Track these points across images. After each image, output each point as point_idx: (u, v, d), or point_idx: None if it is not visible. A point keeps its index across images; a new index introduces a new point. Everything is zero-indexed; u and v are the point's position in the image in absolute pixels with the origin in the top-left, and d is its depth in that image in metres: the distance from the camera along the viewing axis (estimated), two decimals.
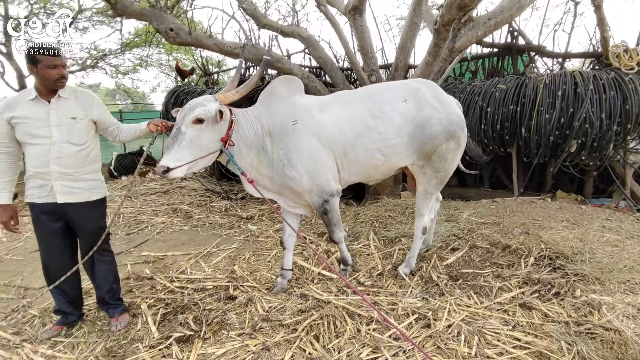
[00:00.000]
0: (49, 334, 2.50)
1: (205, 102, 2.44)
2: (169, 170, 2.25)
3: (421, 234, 3.12)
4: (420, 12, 5.24)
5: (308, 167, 2.62)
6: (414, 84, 2.90)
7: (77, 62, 12.66)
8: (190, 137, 2.34)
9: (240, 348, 2.28)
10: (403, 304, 2.65)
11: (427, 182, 2.94)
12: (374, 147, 2.73)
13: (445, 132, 2.78)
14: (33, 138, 2.30)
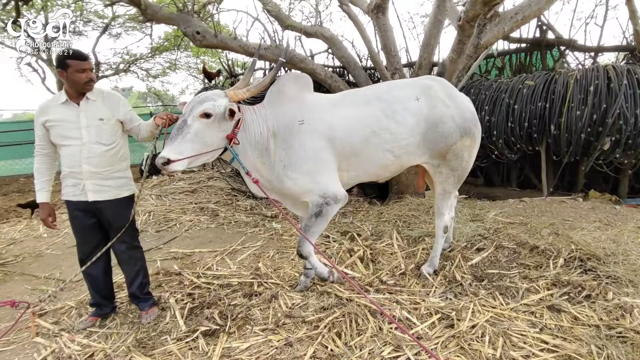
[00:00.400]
0: (84, 325, 2.64)
1: (215, 97, 2.38)
2: (169, 162, 2.19)
3: (442, 233, 3.09)
4: (444, 8, 5.15)
5: (310, 169, 2.55)
6: (425, 82, 2.85)
7: (111, 66, 13.20)
8: (195, 130, 2.28)
9: (263, 343, 2.34)
10: (426, 303, 2.63)
11: (444, 181, 2.89)
12: (386, 148, 2.67)
13: (459, 129, 2.73)
14: (65, 140, 2.43)
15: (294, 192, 2.61)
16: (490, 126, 4.89)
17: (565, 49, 5.37)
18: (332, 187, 2.60)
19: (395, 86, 2.86)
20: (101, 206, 2.51)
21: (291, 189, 2.59)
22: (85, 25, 11.86)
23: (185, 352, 2.30)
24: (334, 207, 2.61)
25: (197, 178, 8.04)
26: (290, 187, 2.58)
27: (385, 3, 5.16)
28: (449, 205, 3.07)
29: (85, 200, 2.48)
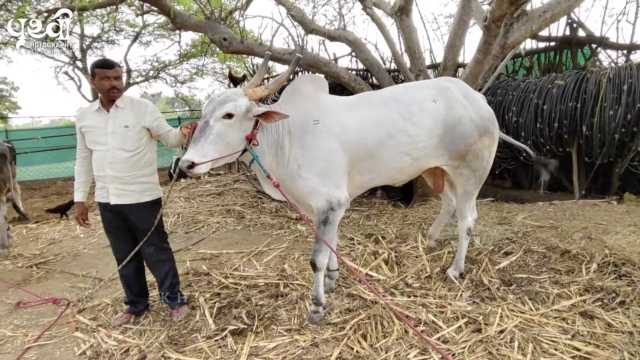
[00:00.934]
0: (120, 321, 2.76)
1: (236, 96, 2.31)
2: (194, 165, 2.15)
3: (466, 235, 3.06)
4: (469, 8, 5.09)
5: (322, 170, 2.48)
6: (441, 83, 2.82)
7: (141, 73, 13.71)
8: (217, 131, 2.22)
9: (290, 343, 2.38)
10: (452, 307, 2.61)
11: (465, 182, 2.85)
12: (402, 150, 2.61)
13: (477, 129, 2.70)
14: (96, 145, 2.56)
15: (303, 192, 2.54)
16: (518, 127, 4.79)
17: (597, 47, 5.19)
18: (338, 191, 2.52)
19: (411, 88, 2.82)
20: (124, 209, 2.60)
21: (301, 189, 2.52)
22: (117, 34, 12.39)
23: (214, 350, 2.37)
24: (339, 212, 2.54)
25: (223, 181, 8.23)
26: (301, 187, 2.51)
27: (409, 5, 5.15)
28: (471, 206, 3.03)
29: (108, 202, 2.59)
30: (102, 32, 12.10)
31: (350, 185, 2.65)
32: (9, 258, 4.23)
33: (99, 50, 13.26)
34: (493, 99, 5.03)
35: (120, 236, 2.71)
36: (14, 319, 2.95)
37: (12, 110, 15.92)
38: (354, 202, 5.83)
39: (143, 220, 2.61)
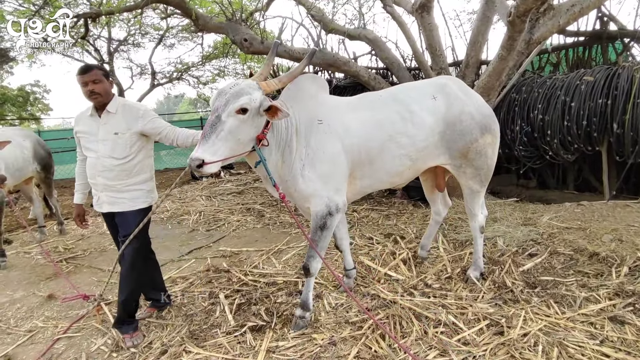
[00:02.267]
0: (143, 315, 2.83)
1: (250, 89, 2.12)
2: (204, 164, 1.99)
3: (480, 234, 3.01)
4: (493, 4, 4.97)
5: (325, 172, 2.39)
6: (440, 80, 2.81)
7: (165, 75, 14.05)
8: (229, 127, 2.06)
9: (307, 341, 2.39)
10: (473, 308, 2.56)
11: (470, 180, 2.80)
12: (403, 153, 2.54)
13: (478, 126, 2.65)
14: (88, 151, 2.51)
15: (304, 194, 2.42)
16: (544, 125, 4.64)
17: (630, 41, 4.97)
18: (337, 196, 2.44)
19: (410, 87, 2.80)
20: (118, 217, 2.54)
21: (303, 190, 2.41)
22: (142, 37, 12.74)
23: (234, 345, 2.40)
24: (336, 217, 2.45)
25: (243, 180, 8.34)
26: (303, 188, 2.40)
27: (430, 2, 5.08)
28: (480, 204, 2.99)
29: (101, 211, 2.57)
30: (128, 35, 12.47)
31: (349, 190, 2.56)
32: (41, 253, 4.41)
33: (126, 52, 13.69)
34: (517, 96, 4.90)
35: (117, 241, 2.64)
36: (45, 311, 3.08)
37: (44, 112, 16.64)
38: (374, 201, 5.79)
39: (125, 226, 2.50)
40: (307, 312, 2.55)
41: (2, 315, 3.05)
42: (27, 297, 3.37)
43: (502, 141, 5.06)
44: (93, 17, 5.08)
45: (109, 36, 12.37)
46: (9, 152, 4.20)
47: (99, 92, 2.40)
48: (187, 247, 4.45)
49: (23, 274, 3.92)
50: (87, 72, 2.39)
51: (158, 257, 4.19)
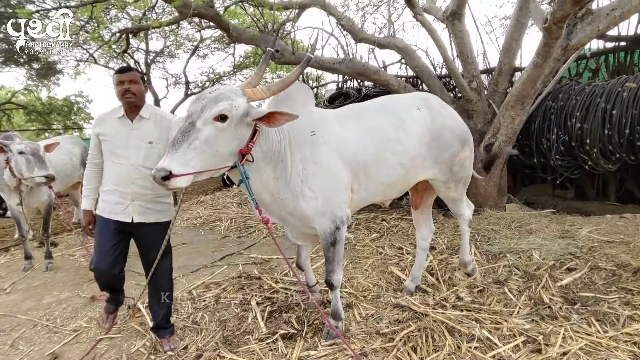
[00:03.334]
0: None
1: (233, 94, 1.90)
2: (172, 176, 1.75)
3: (468, 228, 3.15)
4: (527, 10, 4.88)
5: (325, 186, 2.25)
6: (421, 94, 2.91)
7: (197, 84, 14.55)
8: (206, 137, 1.83)
9: (339, 351, 2.40)
10: (509, 324, 2.49)
11: (453, 192, 2.89)
12: (396, 161, 2.50)
13: (458, 139, 2.73)
14: (115, 157, 2.39)
15: (305, 213, 2.27)
16: (583, 134, 4.47)
17: None
18: (343, 209, 2.33)
19: (395, 97, 2.89)
20: (141, 228, 2.44)
21: (304, 210, 2.26)
22: (177, 48, 13.28)
23: (266, 352, 2.45)
24: (344, 229, 2.36)
25: None
26: (304, 208, 2.25)
27: (462, 9, 5.03)
28: (465, 203, 3.08)
29: (124, 220, 2.40)
30: (165, 47, 13.05)
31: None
32: (84, 256, 4.65)
33: (161, 63, 14.31)
34: (554, 104, 4.75)
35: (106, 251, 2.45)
36: (88, 312, 3.24)
37: (86, 121, 17.58)
38: (403, 210, 5.74)
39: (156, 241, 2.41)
40: (339, 322, 2.54)
41: (50, 315, 3.24)
42: (72, 297, 3.56)
43: (537, 150, 4.93)
44: (134, 32, 5.36)
45: (147, 48, 12.96)
46: (58, 159, 4.47)
47: (134, 92, 2.35)
48: (219, 253, 4.57)
49: (68, 276, 4.14)
50: (126, 72, 2.40)
51: (192, 262, 4.36)
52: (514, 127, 4.63)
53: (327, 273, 2.47)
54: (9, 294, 3.76)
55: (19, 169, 3.80)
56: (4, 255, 5.09)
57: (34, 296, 3.65)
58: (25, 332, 2.99)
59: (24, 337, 2.92)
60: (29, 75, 14.19)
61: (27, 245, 4.43)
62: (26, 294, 3.71)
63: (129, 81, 2.34)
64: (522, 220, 4.31)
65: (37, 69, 13.79)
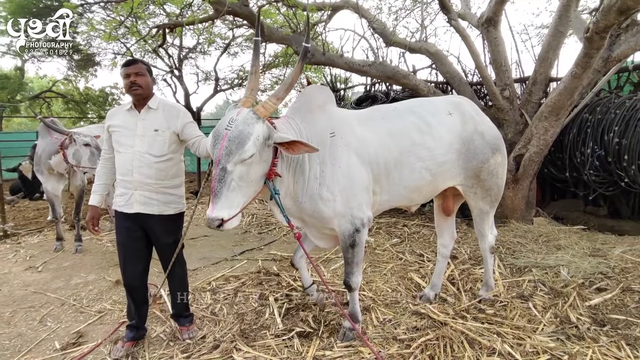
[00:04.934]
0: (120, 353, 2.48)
1: (250, 127, 1.93)
2: (224, 222, 1.90)
3: (490, 254, 3.00)
4: (567, 19, 4.73)
5: (344, 187, 2.25)
6: (454, 98, 2.83)
7: (227, 81, 14.82)
8: (239, 175, 1.92)
9: (354, 353, 2.38)
10: (532, 340, 2.41)
11: (480, 201, 2.77)
12: (422, 166, 2.45)
13: (489, 146, 2.66)
14: (120, 146, 2.39)
15: (324, 216, 2.29)
16: (620, 150, 4.28)
17: None
18: (363, 211, 2.32)
19: (425, 101, 2.77)
20: (147, 219, 2.42)
21: (323, 212, 2.27)
22: (209, 45, 13.57)
23: (282, 348, 2.46)
24: (364, 232, 2.35)
25: None
26: (322, 210, 2.26)
27: (498, 16, 4.93)
28: (489, 224, 2.94)
29: (129, 212, 2.40)
30: (197, 43, 13.36)
31: None
32: (111, 241, 4.82)
33: (193, 59, 14.65)
34: (591, 116, 4.57)
35: (136, 247, 2.46)
36: (112, 295, 3.36)
37: None
38: (425, 217, 5.66)
39: (164, 234, 2.46)
40: (357, 324, 2.52)
41: (77, 295, 3.37)
42: (97, 280, 3.69)
43: (570, 164, 4.75)
44: (171, 27, 5.51)
45: (180, 44, 13.30)
46: None
47: (140, 85, 2.35)
48: (240, 247, 4.63)
49: (95, 259, 4.30)
50: (132, 65, 2.39)
51: (213, 255, 4.43)
52: (546, 138, 4.49)
53: (345, 274, 2.47)
54: (40, 272, 3.94)
55: (79, 158, 4.00)
56: (37, 235, 5.34)
57: (63, 276, 3.81)
58: (54, 309, 3.12)
59: (52, 314, 3.05)
60: (70, 65, 14.84)
61: (60, 227, 4.63)
62: (56, 274, 3.88)
63: (135, 74, 2.35)
64: (550, 235, 4.16)
65: (77, 60, 14.40)
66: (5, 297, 3.35)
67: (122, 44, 12.29)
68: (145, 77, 2.39)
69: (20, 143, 10.18)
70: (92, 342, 2.64)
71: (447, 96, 2.98)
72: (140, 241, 2.47)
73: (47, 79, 18.20)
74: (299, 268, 2.85)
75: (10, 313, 3.06)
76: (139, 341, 2.59)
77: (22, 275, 3.85)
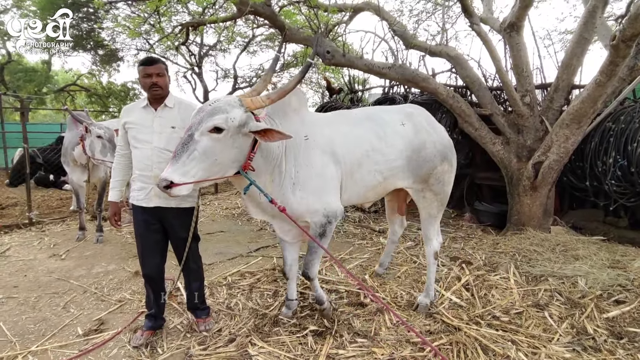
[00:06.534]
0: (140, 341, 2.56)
1: (229, 106, 2.01)
2: (172, 185, 1.90)
3: (434, 260, 3.10)
4: (592, 25, 4.64)
5: (317, 186, 2.40)
6: (407, 109, 3.04)
7: (245, 79, 14.99)
8: (203, 147, 1.95)
9: (367, 354, 2.42)
10: (547, 350, 2.40)
11: (429, 205, 2.98)
12: (377, 169, 2.68)
13: (439, 154, 2.89)
14: (138, 142, 2.44)
15: (298, 212, 2.40)
16: None
17: None
18: (335, 205, 2.49)
19: (382, 110, 3.00)
20: (165, 213, 2.48)
21: (296, 209, 2.38)
22: (229, 44, 13.74)
23: (295, 345, 2.51)
24: (334, 224, 2.54)
25: None
26: (295, 207, 2.37)
27: (521, 21, 4.87)
28: (436, 230, 3.11)
29: (148, 205, 2.45)
30: (218, 41, 13.54)
31: None
32: (131, 233, 4.95)
33: (213, 57, 14.85)
34: (614, 125, 4.48)
35: (155, 239, 2.53)
36: (132, 285, 3.46)
37: None
38: (441, 222, 5.61)
39: (181, 227, 2.53)
40: (324, 304, 2.79)
41: (98, 284, 3.48)
42: (117, 270, 3.81)
43: (591, 173, 4.67)
44: (195, 25, 5.62)
45: (201, 41, 13.51)
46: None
47: (161, 86, 2.40)
48: (255, 244, 4.70)
49: (115, 250, 4.43)
50: (153, 64, 2.41)
51: (229, 250, 4.51)
52: (567, 146, 4.42)
53: (305, 265, 2.63)
54: (63, 260, 4.09)
55: (93, 149, 4.12)
56: (60, 224, 5.52)
57: (85, 265, 3.94)
58: (76, 296, 3.24)
59: (74, 301, 3.17)
60: (94, 60, 15.20)
61: (83, 217, 4.78)
62: (78, 262, 4.02)
63: (156, 74, 2.39)
64: (568, 244, 4.10)
65: (102, 55, 14.74)
66: (30, 283, 3.49)
67: (145, 40, 12.55)
68: (165, 77, 2.45)
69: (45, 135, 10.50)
70: (112, 329, 2.74)
71: (401, 106, 3.23)
72: (157, 233, 2.54)
73: (72, 72, 18.71)
74: (290, 278, 2.86)
75: (35, 298, 3.19)
76: (157, 331, 2.67)
77: (46, 262, 4.00)
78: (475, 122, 5.21)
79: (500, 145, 5.09)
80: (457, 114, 5.31)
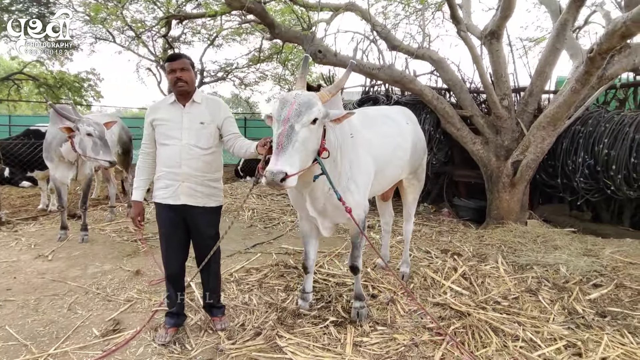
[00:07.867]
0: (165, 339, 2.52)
1: (316, 99, 2.10)
2: (287, 177, 1.87)
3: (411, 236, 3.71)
4: (563, 36, 5.10)
5: (364, 182, 2.59)
6: (404, 109, 3.57)
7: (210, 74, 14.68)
8: (302, 138, 1.99)
9: (390, 340, 2.55)
10: (548, 328, 2.67)
11: (415, 190, 3.56)
12: (399, 164, 3.02)
13: (423, 148, 3.49)
14: (167, 139, 2.41)
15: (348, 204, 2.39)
16: (609, 160, 4.69)
17: None
18: (366, 202, 2.69)
19: (392, 110, 3.45)
20: (191, 211, 2.45)
21: (348, 202, 2.37)
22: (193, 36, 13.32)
23: (320, 335, 2.59)
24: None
25: None
26: (349, 200, 2.40)
27: (501, 29, 5.23)
28: (414, 210, 3.74)
29: (175, 203, 2.42)
30: (182, 33, 13.10)
31: None
32: (116, 232, 4.75)
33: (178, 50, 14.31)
34: (583, 128, 4.97)
35: (180, 237, 2.52)
36: (136, 284, 3.36)
37: (96, 99, 17.49)
38: (422, 217, 5.92)
39: (205, 226, 2.51)
40: (362, 302, 2.84)
41: (98, 284, 3.35)
42: (115, 270, 3.67)
43: (562, 171, 5.14)
44: (181, 19, 5.47)
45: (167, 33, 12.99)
46: None
47: (186, 80, 2.39)
48: (250, 241, 4.69)
49: (105, 249, 4.24)
50: (177, 60, 2.39)
51: (225, 247, 4.47)
52: (543, 147, 4.84)
53: (353, 259, 2.82)
54: (51, 260, 3.87)
55: (83, 148, 3.90)
56: (33, 224, 5.18)
57: (77, 265, 3.76)
58: (79, 298, 3.11)
59: (78, 302, 3.04)
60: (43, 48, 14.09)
61: (64, 216, 4.53)
62: (69, 262, 3.82)
63: (180, 69, 2.37)
64: (546, 235, 4.51)
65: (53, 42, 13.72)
66: (23, 285, 3.29)
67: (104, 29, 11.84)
68: (190, 72, 2.42)
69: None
70: (129, 329, 2.67)
71: (399, 107, 3.69)
72: (182, 232, 2.52)
73: (17, 60, 17.20)
74: (310, 272, 2.98)
75: (35, 300, 3.02)
76: (179, 327, 2.64)
77: (33, 264, 3.76)
78: (457, 123, 5.53)
79: (480, 145, 5.45)
80: (441, 115, 5.60)
